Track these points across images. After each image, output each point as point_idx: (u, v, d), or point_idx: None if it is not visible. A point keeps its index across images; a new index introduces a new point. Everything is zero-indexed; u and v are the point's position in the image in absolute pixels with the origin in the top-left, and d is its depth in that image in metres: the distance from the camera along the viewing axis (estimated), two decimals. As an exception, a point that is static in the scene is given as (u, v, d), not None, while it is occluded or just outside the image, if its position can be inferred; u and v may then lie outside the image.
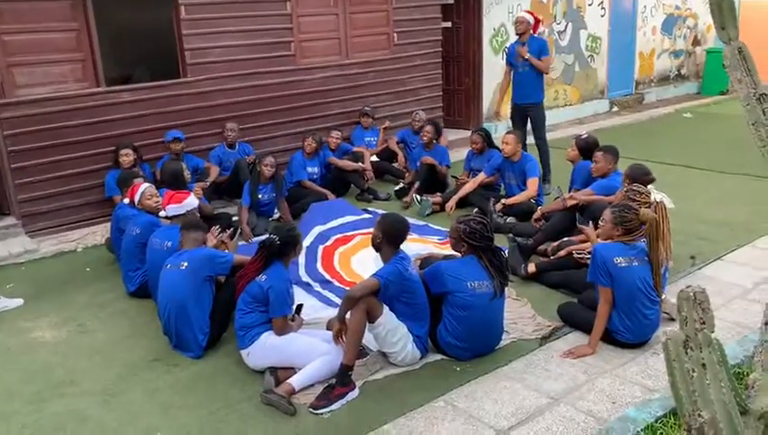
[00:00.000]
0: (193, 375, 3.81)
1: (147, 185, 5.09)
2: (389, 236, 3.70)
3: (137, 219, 4.93)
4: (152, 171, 6.41)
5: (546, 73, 7.23)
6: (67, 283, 5.22)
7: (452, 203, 6.33)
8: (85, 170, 6.44)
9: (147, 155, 6.56)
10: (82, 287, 5.11)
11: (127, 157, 6.19)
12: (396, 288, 3.58)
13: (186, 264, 4.02)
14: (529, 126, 7.29)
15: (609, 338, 3.84)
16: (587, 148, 5.67)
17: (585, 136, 5.87)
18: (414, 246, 5.06)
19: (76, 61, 6.35)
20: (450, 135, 9.28)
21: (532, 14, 7.28)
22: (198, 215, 4.83)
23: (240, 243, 5.33)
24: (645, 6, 12.59)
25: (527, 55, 6.97)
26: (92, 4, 6.28)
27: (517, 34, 7.17)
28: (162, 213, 4.77)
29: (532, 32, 7.17)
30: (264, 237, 3.95)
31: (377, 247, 3.76)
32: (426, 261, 4.44)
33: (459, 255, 3.90)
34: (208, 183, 6.60)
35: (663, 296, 4.00)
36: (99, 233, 6.25)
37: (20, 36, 5.99)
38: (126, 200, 5.12)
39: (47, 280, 5.32)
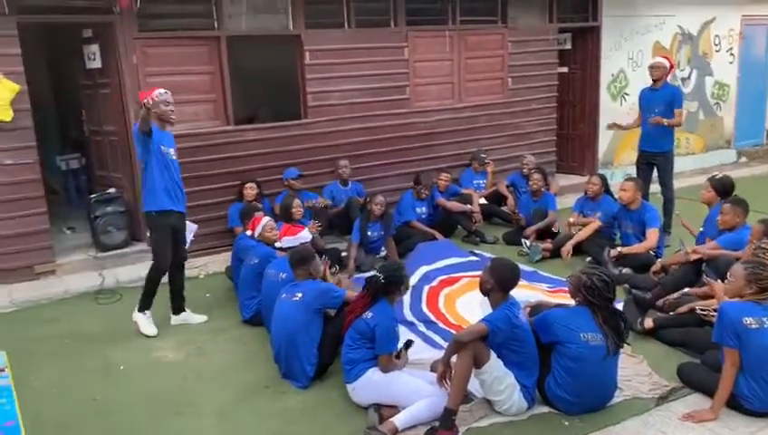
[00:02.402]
0: (300, 405, 3.91)
1: (267, 218, 5.37)
2: (501, 282, 3.66)
3: (256, 250, 5.19)
4: (271, 206, 6.72)
5: (679, 125, 6.94)
6: (188, 307, 5.52)
7: (569, 247, 6.13)
8: (211, 202, 6.86)
9: (267, 190, 6.90)
10: (202, 312, 5.39)
11: (251, 190, 6.57)
12: (504, 335, 3.52)
13: (300, 295, 4.17)
14: (655, 174, 7.01)
15: (735, 404, 3.56)
16: (724, 189, 5.39)
17: (720, 176, 5.58)
18: (523, 293, 4.94)
19: (209, 101, 6.85)
20: (563, 180, 9.09)
21: (667, 58, 7.07)
22: (312, 248, 5.00)
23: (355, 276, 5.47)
24: (779, 52, 11.88)
25: (665, 122, 6.70)
26: (227, 49, 6.79)
27: (653, 80, 6.95)
28: (277, 244, 5.00)
29: (666, 78, 6.97)
30: (371, 274, 4.03)
31: (486, 292, 3.72)
32: (535, 309, 4.33)
33: (571, 303, 3.80)
34: (320, 224, 6.70)
35: None
36: (219, 261, 6.60)
37: (162, 78, 6.52)
38: (248, 232, 5.41)
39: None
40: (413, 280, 5.58)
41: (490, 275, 3.68)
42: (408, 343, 4.02)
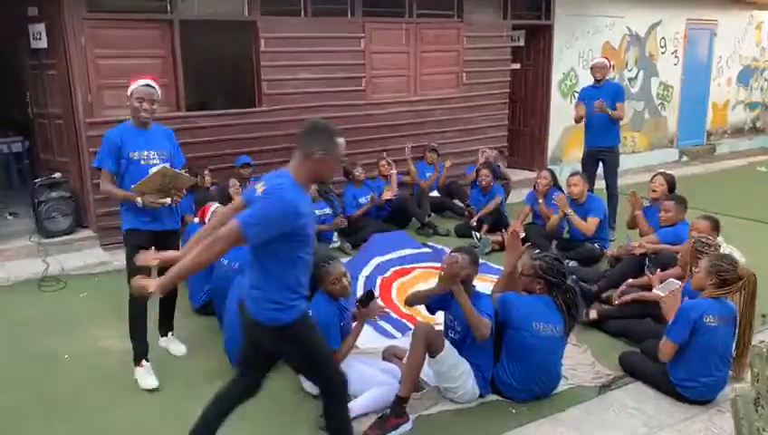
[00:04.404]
0: (251, 394, 3.89)
1: (216, 204, 5.31)
2: (477, 269, 3.77)
3: (205, 238, 5.13)
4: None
5: (620, 119, 7.16)
6: (136, 296, 5.43)
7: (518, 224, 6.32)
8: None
9: (218, 179, 6.80)
10: (150, 302, 5.27)
11: (207, 178, 6.47)
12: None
13: (250, 285, 4.14)
14: (599, 171, 7.21)
15: (674, 393, 3.73)
16: (673, 185, 5.60)
17: (669, 173, 5.81)
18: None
19: (161, 86, 6.62)
20: (512, 176, 9.26)
21: (606, 58, 7.37)
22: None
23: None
24: (720, 57, 12.37)
25: (609, 111, 6.90)
26: (179, 33, 6.65)
27: (597, 80, 7.15)
28: None
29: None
30: None
31: (467, 283, 3.71)
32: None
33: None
34: None
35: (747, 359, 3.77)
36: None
37: (111, 60, 6.38)
38: (196, 220, 5.34)
39: (118, 292, 5.46)
40: (367, 271, 5.65)
41: (473, 264, 3.73)
42: (371, 295, 3.88)
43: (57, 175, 6.57)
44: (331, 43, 7.56)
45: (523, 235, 6.37)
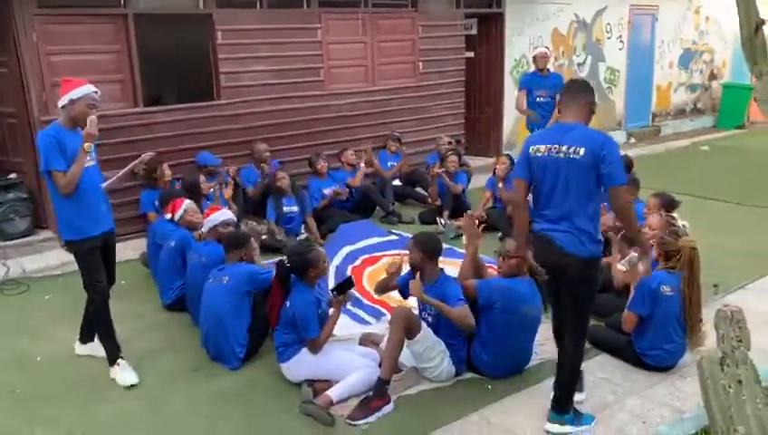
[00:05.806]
0: (232, 386, 3.94)
1: (189, 202, 5.28)
2: (430, 253, 3.84)
3: (173, 234, 5.12)
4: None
5: None
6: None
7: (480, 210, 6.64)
8: (119, 187, 6.60)
9: (178, 174, 6.72)
10: (118, 300, 5.14)
11: (168, 171, 6.37)
12: None
13: (227, 279, 4.17)
14: None
15: (638, 361, 3.94)
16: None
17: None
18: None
19: (116, 81, 6.58)
20: (470, 162, 9.43)
21: (546, 48, 7.77)
22: (246, 232, 4.99)
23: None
24: (662, 41, 12.82)
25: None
26: (134, 27, 6.54)
27: (539, 69, 7.38)
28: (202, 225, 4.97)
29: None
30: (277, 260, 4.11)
31: (418, 268, 3.85)
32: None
33: None
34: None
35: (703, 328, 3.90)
36: (131, 248, 6.38)
37: (64, 57, 6.23)
38: (168, 216, 5.30)
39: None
40: (337, 260, 5.72)
41: (418, 250, 3.83)
42: (349, 283, 3.98)
43: (12, 176, 6.40)
44: (288, 34, 7.55)
45: (484, 218, 6.63)
